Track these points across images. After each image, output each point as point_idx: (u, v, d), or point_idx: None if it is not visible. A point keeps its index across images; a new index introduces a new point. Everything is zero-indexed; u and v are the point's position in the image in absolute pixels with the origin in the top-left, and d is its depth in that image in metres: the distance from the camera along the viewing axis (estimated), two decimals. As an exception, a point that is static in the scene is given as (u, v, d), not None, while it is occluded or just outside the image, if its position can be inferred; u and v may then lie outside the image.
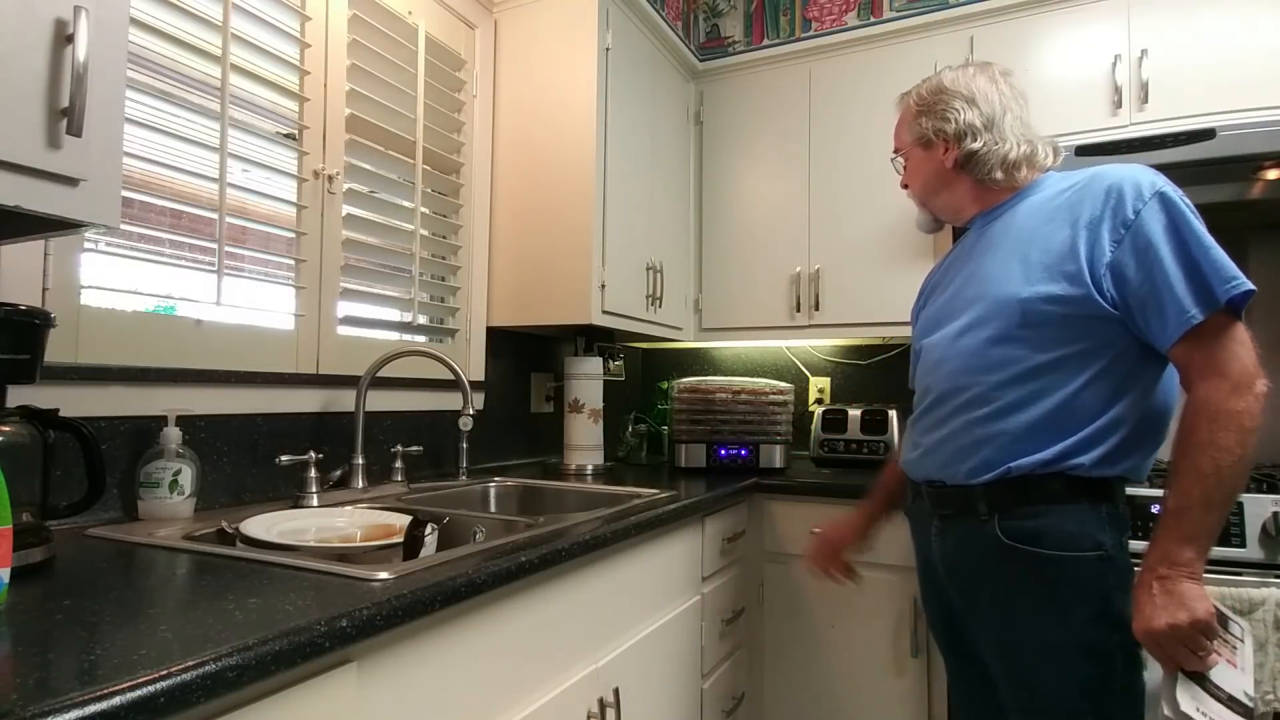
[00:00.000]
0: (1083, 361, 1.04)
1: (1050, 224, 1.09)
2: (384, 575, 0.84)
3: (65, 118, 0.74)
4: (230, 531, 1.10)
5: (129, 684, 0.53)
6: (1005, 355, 1.08)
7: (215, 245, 1.27)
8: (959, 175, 1.22)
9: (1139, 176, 1.03)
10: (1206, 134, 1.65)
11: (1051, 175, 1.18)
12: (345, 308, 1.57)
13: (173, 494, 1.14)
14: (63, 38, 0.74)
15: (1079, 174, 1.11)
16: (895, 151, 1.34)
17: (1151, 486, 1.48)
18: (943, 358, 1.17)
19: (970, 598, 1.15)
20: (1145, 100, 1.85)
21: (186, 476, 1.16)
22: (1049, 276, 1.05)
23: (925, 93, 1.26)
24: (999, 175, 1.18)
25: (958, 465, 1.11)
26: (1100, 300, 1.02)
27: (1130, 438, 1.04)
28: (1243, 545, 1.46)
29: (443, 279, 1.86)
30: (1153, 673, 1.00)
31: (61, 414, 0.90)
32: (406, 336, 1.79)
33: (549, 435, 2.26)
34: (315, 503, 1.34)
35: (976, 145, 1.18)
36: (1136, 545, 1.06)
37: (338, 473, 1.46)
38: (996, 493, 1.08)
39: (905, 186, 1.33)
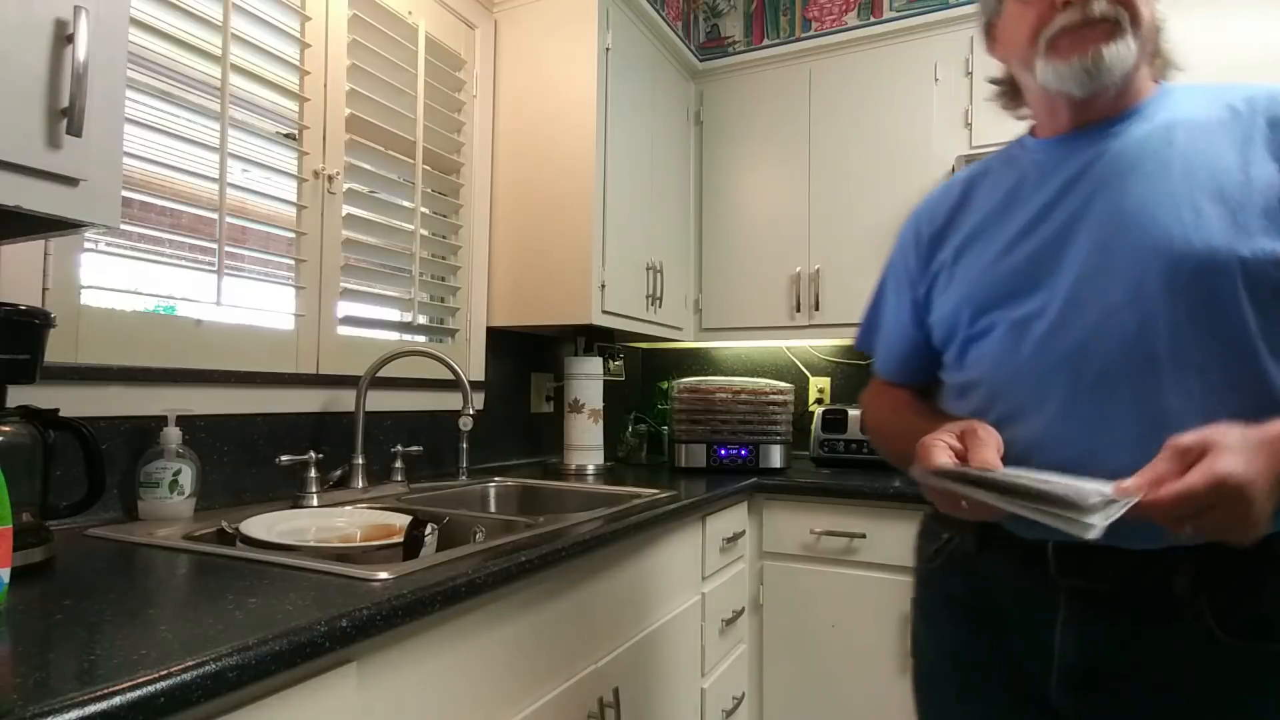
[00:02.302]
0: None
1: (1245, 151, 0.73)
2: (384, 575, 0.84)
3: (65, 118, 0.74)
4: (230, 531, 1.10)
5: (129, 684, 0.53)
6: (1222, 345, 0.70)
7: (215, 245, 1.27)
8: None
9: None
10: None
11: (1176, 89, 0.83)
12: (345, 308, 1.57)
13: (173, 494, 1.14)
14: (63, 38, 0.74)
15: (1213, 88, 0.80)
16: None
17: None
18: (1083, 343, 0.75)
19: None
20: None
21: (186, 476, 1.16)
22: (1274, 225, 0.70)
23: None
24: (1148, 66, 0.83)
25: (1150, 524, 0.65)
26: None
27: None
28: None
29: (443, 279, 1.86)
30: None
31: (61, 414, 0.90)
32: (406, 336, 1.79)
33: (549, 435, 2.25)
34: (315, 503, 1.34)
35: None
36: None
37: (338, 473, 1.46)
38: (1206, 561, 0.69)
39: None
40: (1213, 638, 0.69)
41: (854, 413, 2.20)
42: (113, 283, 1.17)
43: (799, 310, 2.26)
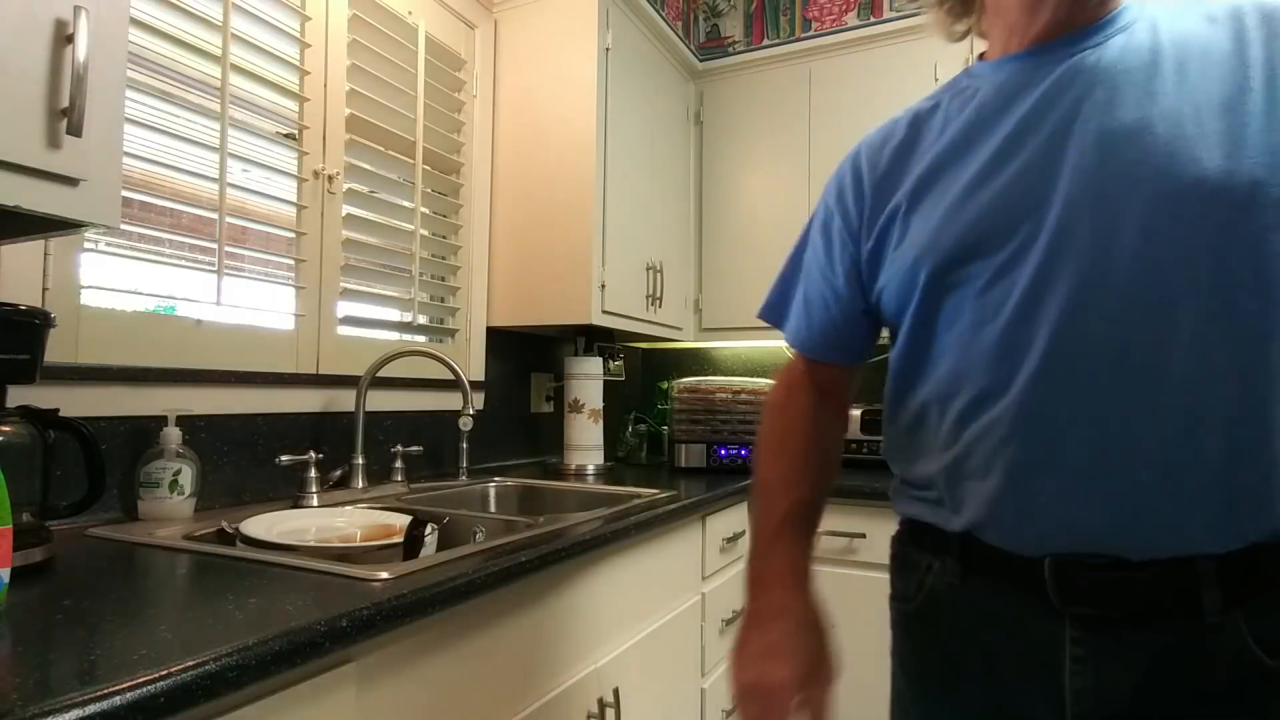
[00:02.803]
0: None
1: (1242, 59, 0.62)
2: (384, 575, 0.84)
3: (65, 118, 0.74)
4: (230, 531, 1.10)
5: (129, 684, 0.53)
6: (1253, 285, 0.58)
7: (215, 245, 1.27)
8: None
9: None
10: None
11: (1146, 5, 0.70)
12: (345, 308, 1.57)
13: (173, 494, 1.14)
14: (63, 38, 0.74)
15: (1202, 4, 0.67)
16: None
17: None
18: (1078, 293, 0.60)
19: None
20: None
21: (186, 476, 1.16)
22: None
23: None
24: None
25: (1169, 522, 0.58)
26: None
27: None
28: None
29: (443, 279, 1.86)
30: None
31: (61, 414, 0.90)
32: (406, 336, 1.79)
33: (549, 435, 2.25)
34: (315, 503, 1.34)
35: None
36: None
37: (338, 473, 1.46)
38: (1237, 569, 0.58)
39: None
40: (1255, 663, 0.57)
41: (854, 413, 2.20)
42: (113, 283, 1.17)
43: (799, 310, 2.26)
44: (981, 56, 0.77)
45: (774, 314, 0.92)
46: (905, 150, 0.77)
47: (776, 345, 2.59)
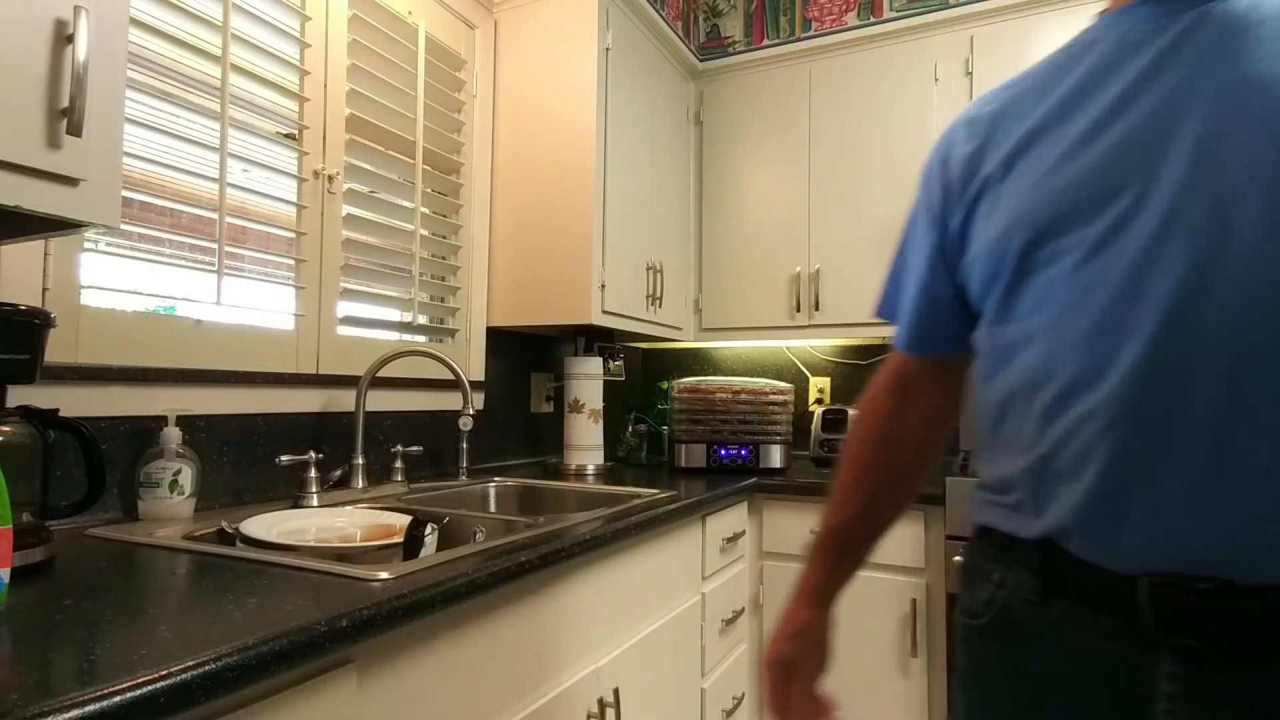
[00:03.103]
0: None
1: None
2: (384, 575, 0.84)
3: (65, 118, 0.74)
4: (230, 531, 1.10)
5: (129, 684, 0.53)
6: None
7: (215, 245, 1.27)
8: None
9: None
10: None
11: None
12: (345, 308, 1.57)
13: (173, 494, 1.14)
14: (63, 38, 0.74)
15: None
16: None
17: None
18: (1197, 267, 0.53)
19: None
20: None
21: (186, 476, 1.16)
22: None
23: None
24: None
25: None
26: None
27: None
28: None
29: (443, 279, 1.86)
30: None
31: (61, 414, 0.90)
32: (406, 336, 1.79)
33: (549, 435, 2.26)
34: (315, 503, 1.34)
35: None
36: None
37: (338, 473, 1.46)
38: None
39: None
40: None
41: (854, 413, 2.19)
42: (113, 283, 1.17)
43: (799, 310, 2.26)
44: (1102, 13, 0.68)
45: (882, 308, 0.86)
46: (1004, 113, 0.69)
47: (776, 345, 2.59)
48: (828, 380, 2.54)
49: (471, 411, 1.46)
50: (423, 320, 1.80)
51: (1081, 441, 0.56)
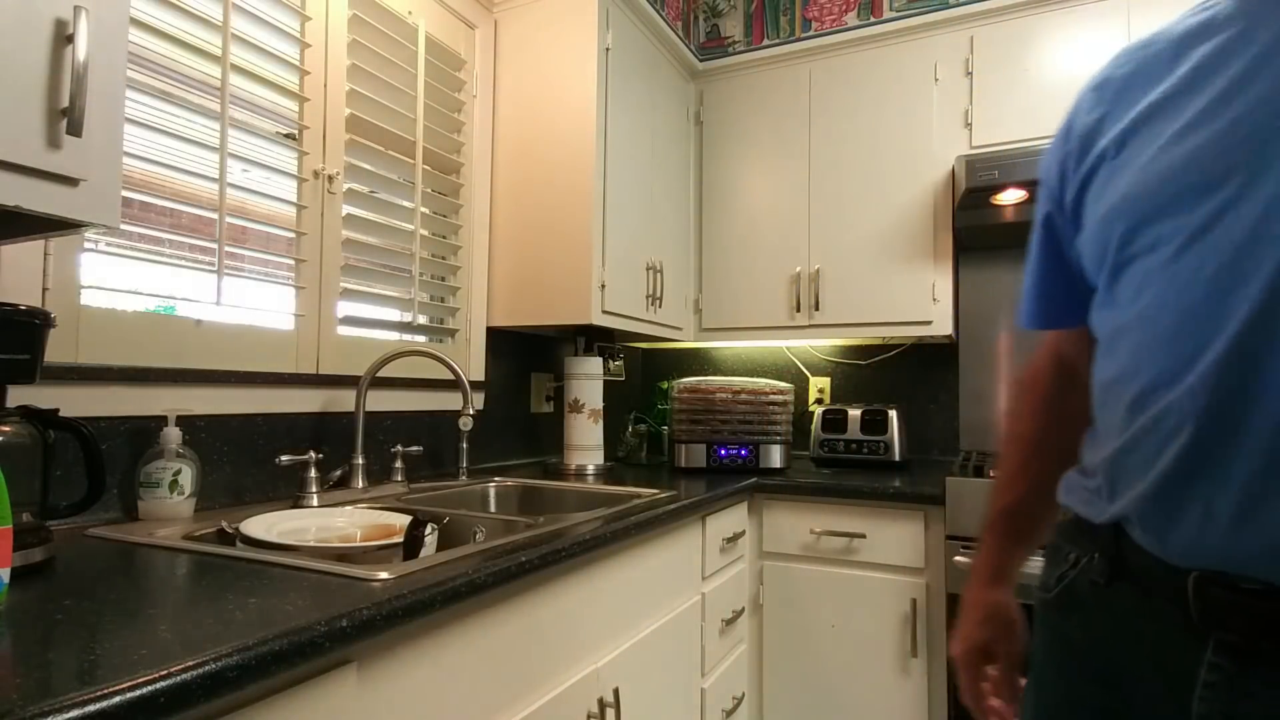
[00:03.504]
0: None
1: None
2: (384, 575, 0.84)
3: (65, 118, 0.74)
4: (230, 531, 1.10)
5: (129, 684, 0.53)
6: None
7: (215, 245, 1.27)
8: None
9: None
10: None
11: None
12: (345, 308, 1.57)
13: (173, 494, 1.14)
14: (63, 38, 0.74)
15: None
16: None
17: None
18: None
19: None
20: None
21: (186, 476, 1.16)
22: None
23: None
24: None
25: None
26: None
27: None
28: None
29: (443, 279, 1.86)
30: None
31: (61, 414, 0.90)
32: (406, 336, 1.79)
33: (549, 435, 2.26)
34: (315, 503, 1.34)
35: None
36: None
37: (338, 473, 1.46)
38: None
39: None
40: None
41: (854, 413, 2.20)
42: (113, 283, 1.17)
43: (799, 310, 2.26)
44: None
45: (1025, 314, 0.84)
46: (1137, 77, 0.64)
47: (776, 345, 2.59)
48: (828, 380, 2.54)
49: (471, 411, 1.46)
50: (423, 320, 1.80)
51: (1155, 439, 0.57)
